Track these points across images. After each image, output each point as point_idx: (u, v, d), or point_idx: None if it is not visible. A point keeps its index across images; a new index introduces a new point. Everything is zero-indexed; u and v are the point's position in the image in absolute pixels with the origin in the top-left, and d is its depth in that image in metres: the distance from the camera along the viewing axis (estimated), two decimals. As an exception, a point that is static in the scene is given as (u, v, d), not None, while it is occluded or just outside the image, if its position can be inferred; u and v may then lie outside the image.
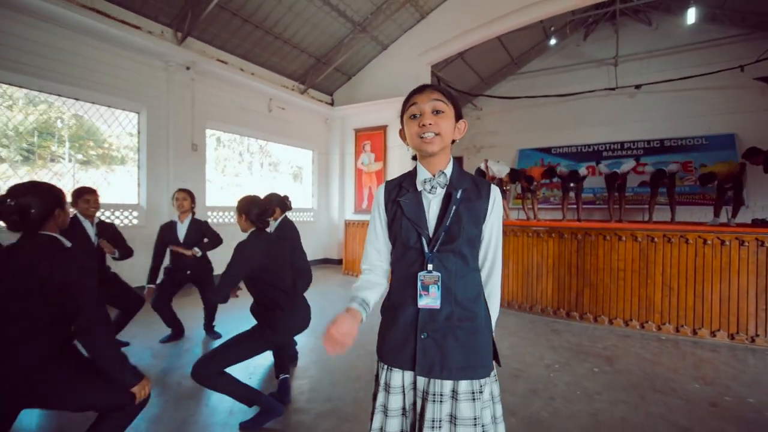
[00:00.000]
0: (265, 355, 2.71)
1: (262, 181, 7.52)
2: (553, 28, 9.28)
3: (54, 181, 4.12)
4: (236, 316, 4.00)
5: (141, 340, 3.49)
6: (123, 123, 5.24)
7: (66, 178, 4.81)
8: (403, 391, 1.06)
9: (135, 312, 3.20)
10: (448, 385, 1.02)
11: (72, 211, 2.99)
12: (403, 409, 1.07)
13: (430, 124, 1.04)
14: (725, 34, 8.88)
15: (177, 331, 3.55)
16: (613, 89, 9.87)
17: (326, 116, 8.51)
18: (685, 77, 8.89)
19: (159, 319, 3.51)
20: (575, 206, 7.62)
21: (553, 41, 9.87)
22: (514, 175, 7.28)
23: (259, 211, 2.25)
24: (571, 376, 2.89)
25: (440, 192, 1.08)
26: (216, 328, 3.69)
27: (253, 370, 2.90)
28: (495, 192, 1.11)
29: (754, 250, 3.57)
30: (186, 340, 3.56)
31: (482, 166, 6.89)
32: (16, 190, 1.48)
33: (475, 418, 1.01)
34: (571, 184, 7.36)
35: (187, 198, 3.54)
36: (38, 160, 4.68)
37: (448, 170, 1.10)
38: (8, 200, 1.44)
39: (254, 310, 2.30)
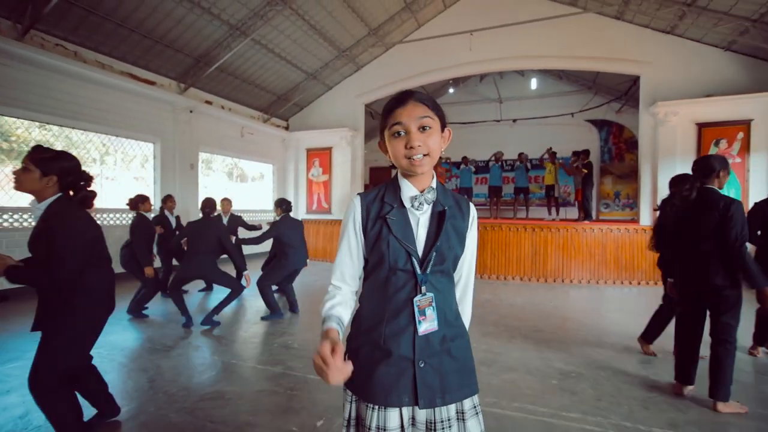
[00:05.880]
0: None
1: (237, 188, 9.72)
2: (451, 81, 12.53)
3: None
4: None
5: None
6: (144, 149, 7.29)
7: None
8: (402, 430, 0.96)
9: None
10: (452, 408, 0.98)
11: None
12: None
13: (419, 145, 0.93)
14: (568, 89, 12.79)
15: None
16: (498, 121, 13.44)
17: (283, 138, 10.89)
18: (542, 117, 12.68)
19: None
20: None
21: (451, 90, 13.23)
22: None
23: (286, 205, 4.72)
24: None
25: (426, 209, 1.00)
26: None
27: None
28: (473, 210, 1.08)
29: (555, 233, 6.83)
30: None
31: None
32: (205, 201, 4.14)
33: None
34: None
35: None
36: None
37: (434, 185, 1.02)
38: (206, 209, 3.98)
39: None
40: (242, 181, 10.32)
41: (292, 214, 4.84)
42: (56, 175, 1.80)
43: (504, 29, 8.36)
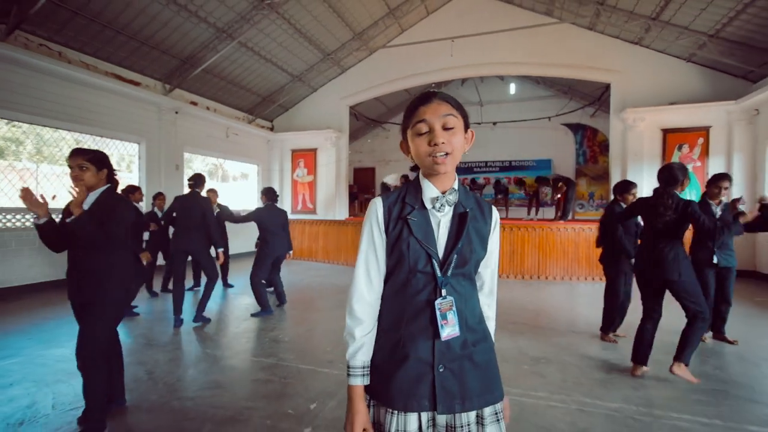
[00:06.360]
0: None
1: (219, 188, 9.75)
2: (433, 84, 12.84)
3: None
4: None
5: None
6: (129, 150, 7.30)
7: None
8: None
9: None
10: (473, 413, 0.97)
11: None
12: None
13: (443, 143, 0.93)
14: (545, 94, 13.29)
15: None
16: (479, 123, 13.83)
17: (268, 139, 10.97)
18: (521, 120, 13.14)
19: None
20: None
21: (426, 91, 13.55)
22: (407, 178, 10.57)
23: (271, 194, 4.84)
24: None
25: (448, 210, 0.99)
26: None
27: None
28: (496, 213, 1.07)
29: (532, 232, 7.17)
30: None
31: (385, 181, 10.01)
32: (194, 176, 4.23)
33: None
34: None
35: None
36: None
37: (456, 186, 1.01)
38: (190, 181, 4.16)
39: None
40: (224, 181, 10.36)
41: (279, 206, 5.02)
42: (106, 168, 2.23)
43: (484, 36, 8.72)
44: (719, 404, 2.49)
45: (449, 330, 0.94)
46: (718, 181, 3.44)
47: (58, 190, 6.33)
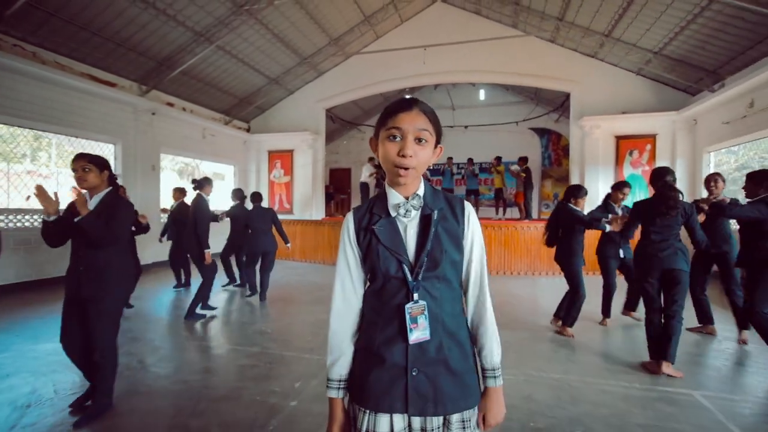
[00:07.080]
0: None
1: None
2: (407, 89, 13.30)
3: None
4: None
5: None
6: (105, 151, 7.30)
7: None
8: None
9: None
10: (441, 417, 0.98)
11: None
12: None
13: (411, 155, 0.93)
14: (514, 99, 13.98)
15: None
16: (451, 127, 14.38)
17: (244, 140, 11.08)
18: (491, 124, 13.77)
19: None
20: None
21: (407, 97, 14.00)
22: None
23: (256, 197, 5.44)
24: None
25: (415, 215, 1.00)
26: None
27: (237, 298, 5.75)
28: (468, 208, 1.05)
29: (498, 231, 7.64)
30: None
31: (362, 180, 10.34)
32: (201, 179, 4.56)
33: None
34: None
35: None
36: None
37: (421, 191, 1.02)
38: (194, 184, 4.47)
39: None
40: (198, 181, 10.40)
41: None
42: (107, 170, 2.41)
43: (455, 45, 9.19)
44: (638, 373, 2.98)
45: (418, 334, 0.95)
46: (622, 188, 4.13)
47: (30, 190, 6.30)
